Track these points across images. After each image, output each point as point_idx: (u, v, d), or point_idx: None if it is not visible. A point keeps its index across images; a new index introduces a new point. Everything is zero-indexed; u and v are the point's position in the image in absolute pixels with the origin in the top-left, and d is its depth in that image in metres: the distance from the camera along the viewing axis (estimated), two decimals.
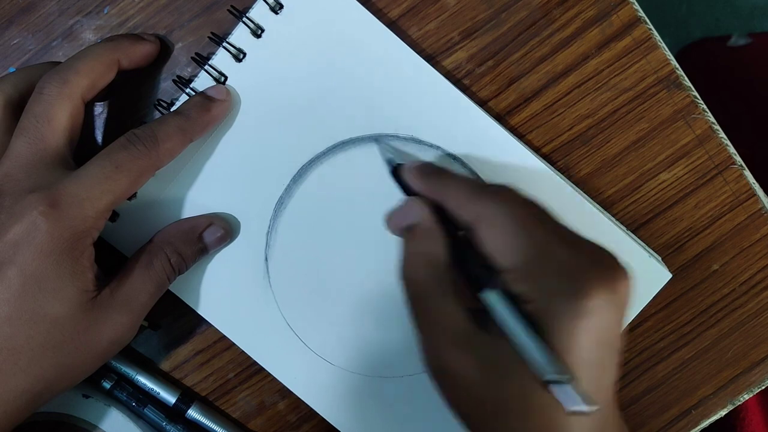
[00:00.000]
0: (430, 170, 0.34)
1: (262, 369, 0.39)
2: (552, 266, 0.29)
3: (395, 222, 0.34)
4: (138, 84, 0.38)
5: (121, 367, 0.39)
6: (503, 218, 0.30)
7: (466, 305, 0.30)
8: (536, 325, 0.28)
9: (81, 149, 0.35)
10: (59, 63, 0.37)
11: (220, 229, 0.37)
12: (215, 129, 0.37)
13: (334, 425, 0.39)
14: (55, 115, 0.32)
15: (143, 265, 0.35)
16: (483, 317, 0.30)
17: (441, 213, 0.33)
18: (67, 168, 0.33)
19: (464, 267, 0.31)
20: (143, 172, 0.33)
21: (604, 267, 0.29)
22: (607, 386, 0.29)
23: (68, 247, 0.31)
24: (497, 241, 0.30)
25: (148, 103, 0.38)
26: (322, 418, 0.39)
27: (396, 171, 0.36)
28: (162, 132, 0.33)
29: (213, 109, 0.35)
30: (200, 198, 0.37)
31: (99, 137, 0.38)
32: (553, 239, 0.30)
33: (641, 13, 0.37)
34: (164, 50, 0.38)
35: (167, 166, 0.34)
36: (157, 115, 0.37)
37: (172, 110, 0.35)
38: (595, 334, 0.28)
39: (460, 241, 0.32)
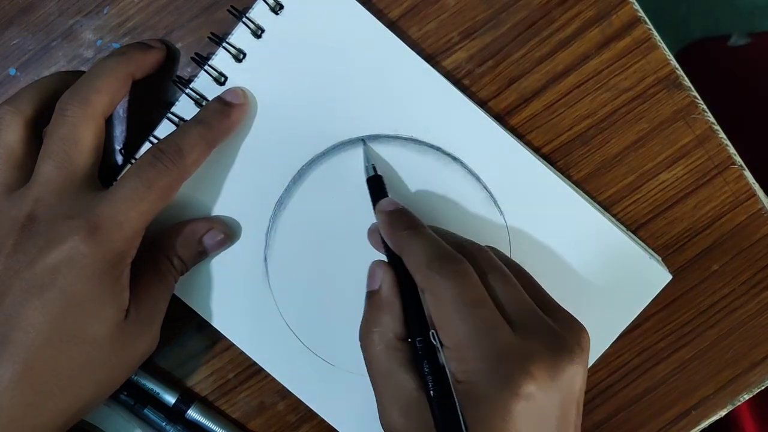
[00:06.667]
0: (399, 222, 0.34)
1: (261, 369, 0.39)
2: (484, 351, 0.29)
3: (367, 283, 0.35)
4: (137, 84, 0.37)
5: None
6: (446, 297, 0.30)
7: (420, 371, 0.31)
8: (467, 404, 0.29)
9: None
10: (67, 73, 0.37)
11: (220, 233, 0.37)
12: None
13: (333, 425, 0.39)
14: (81, 137, 0.32)
15: (153, 273, 0.35)
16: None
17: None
18: (95, 188, 0.33)
19: (419, 324, 0.32)
20: (173, 187, 0.33)
21: (550, 349, 0.30)
22: None
23: (110, 269, 0.32)
24: (438, 316, 0.31)
25: (148, 103, 0.38)
26: (322, 418, 0.39)
27: (372, 181, 0.36)
28: (186, 144, 0.33)
29: (233, 115, 0.35)
30: (200, 198, 0.37)
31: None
32: (492, 324, 0.30)
33: (641, 13, 0.37)
34: (169, 54, 0.37)
35: None
36: (162, 116, 0.37)
37: (190, 118, 0.35)
38: (525, 420, 0.28)
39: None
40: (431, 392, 0.30)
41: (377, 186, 0.36)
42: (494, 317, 0.30)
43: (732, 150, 0.38)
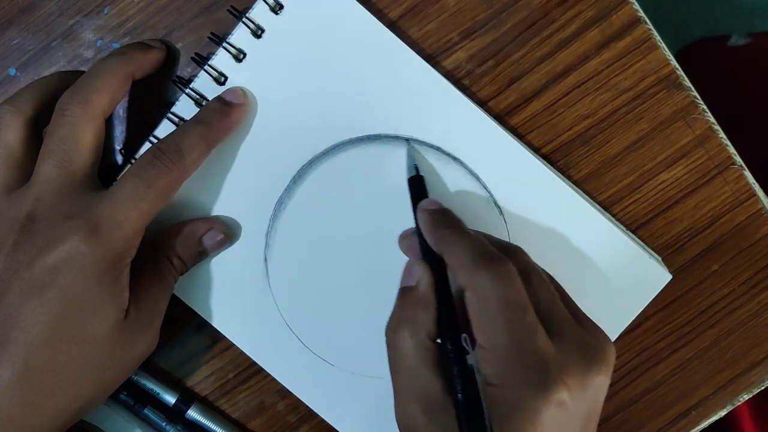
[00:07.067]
0: (442, 221, 0.34)
1: (261, 369, 0.39)
2: (523, 355, 0.29)
3: (402, 279, 0.34)
4: (137, 84, 0.37)
5: None
6: (490, 296, 0.30)
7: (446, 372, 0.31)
8: (495, 408, 0.29)
9: None
10: (67, 73, 0.37)
11: (220, 233, 0.37)
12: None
13: (333, 425, 0.39)
14: (81, 137, 0.32)
15: (153, 273, 0.35)
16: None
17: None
18: (95, 188, 0.33)
19: (453, 327, 0.32)
20: (172, 187, 0.33)
21: (582, 359, 0.30)
22: None
23: (109, 269, 0.32)
24: (478, 316, 0.30)
25: (148, 103, 0.38)
26: (322, 418, 0.39)
27: (414, 180, 0.36)
28: (186, 143, 0.33)
29: (232, 114, 0.35)
30: (200, 198, 0.37)
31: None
32: (532, 330, 0.30)
33: (641, 13, 0.37)
34: (169, 54, 0.37)
35: None
36: (162, 117, 0.37)
37: (190, 118, 0.35)
38: (559, 426, 0.28)
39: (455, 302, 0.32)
40: (459, 395, 0.30)
41: (419, 186, 0.36)
42: (534, 322, 0.30)
43: (732, 150, 0.38)
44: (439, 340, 0.32)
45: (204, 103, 0.36)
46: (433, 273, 0.33)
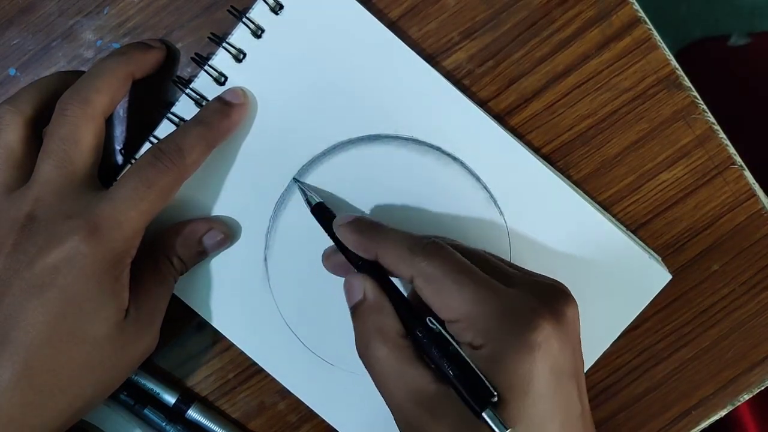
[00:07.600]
0: (362, 227, 0.34)
1: (261, 369, 0.39)
2: (492, 310, 0.30)
3: (347, 299, 0.34)
4: (137, 84, 0.38)
5: None
6: (437, 275, 0.31)
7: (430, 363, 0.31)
8: (488, 369, 0.29)
9: None
10: (67, 73, 0.37)
11: (220, 233, 0.37)
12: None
13: (333, 425, 0.39)
14: (81, 137, 0.32)
15: (153, 272, 0.35)
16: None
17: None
18: (95, 188, 0.33)
19: (415, 315, 0.32)
20: (173, 187, 0.33)
21: (546, 297, 0.30)
22: (576, 416, 0.30)
23: (109, 269, 0.32)
24: (435, 295, 0.31)
25: (148, 103, 0.38)
26: (322, 418, 0.39)
27: (317, 209, 0.36)
28: (186, 144, 0.33)
29: (233, 114, 0.35)
30: (200, 198, 0.37)
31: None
32: (488, 285, 0.30)
33: (641, 14, 0.37)
34: (169, 54, 0.38)
35: None
36: (161, 117, 0.37)
37: (190, 118, 0.35)
38: (548, 364, 0.29)
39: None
40: (450, 372, 0.30)
41: (324, 212, 0.36)
42: (487, 279, 0.31)
43: (732, 150, 0.38)
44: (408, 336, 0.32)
45: (204, 103, 0.36)
46: (374, 277, 0.33)
